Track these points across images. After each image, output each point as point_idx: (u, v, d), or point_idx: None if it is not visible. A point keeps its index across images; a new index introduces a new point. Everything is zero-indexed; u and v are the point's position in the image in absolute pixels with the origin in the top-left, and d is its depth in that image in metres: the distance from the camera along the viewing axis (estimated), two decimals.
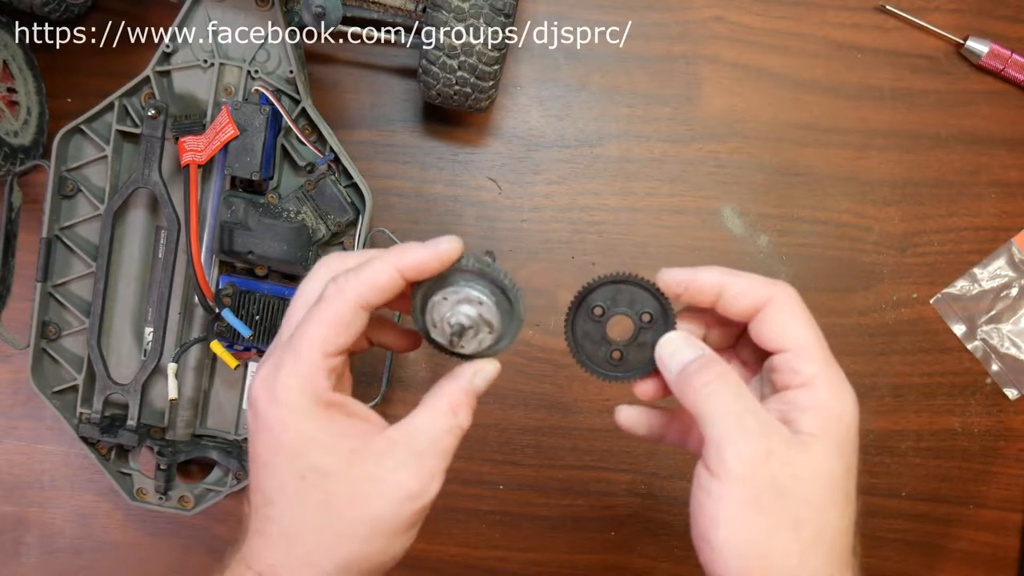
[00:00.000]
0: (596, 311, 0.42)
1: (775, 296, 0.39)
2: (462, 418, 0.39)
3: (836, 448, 0.36)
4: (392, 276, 0.37)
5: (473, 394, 0.39)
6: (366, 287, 0.37)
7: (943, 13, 0.66)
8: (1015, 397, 0.67)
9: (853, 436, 0.37)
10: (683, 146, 0.66)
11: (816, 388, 0.37)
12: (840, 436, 0.37)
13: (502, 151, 0.66)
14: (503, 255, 0.66)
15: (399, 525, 0.37)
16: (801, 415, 0.37)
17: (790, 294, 0.39)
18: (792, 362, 0.38)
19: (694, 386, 0.38)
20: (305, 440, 0.36)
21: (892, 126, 0.66)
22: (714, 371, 0.38)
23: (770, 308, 0.39)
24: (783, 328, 0.38)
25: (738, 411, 0.36)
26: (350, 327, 0.37)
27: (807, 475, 0.36)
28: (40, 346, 0.59)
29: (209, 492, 0.62)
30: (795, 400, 0.37)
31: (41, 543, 0.67)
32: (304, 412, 0.36)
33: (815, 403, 0.37)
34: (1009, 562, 0.67)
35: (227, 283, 0.58)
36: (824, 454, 0.36)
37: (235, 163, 0.55)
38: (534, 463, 0.67)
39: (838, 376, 0.38)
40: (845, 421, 0.37)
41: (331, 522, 0.36)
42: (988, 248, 0.66)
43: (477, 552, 0.67)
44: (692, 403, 0.38)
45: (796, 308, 0.39)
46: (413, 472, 0.37)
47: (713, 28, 0.66)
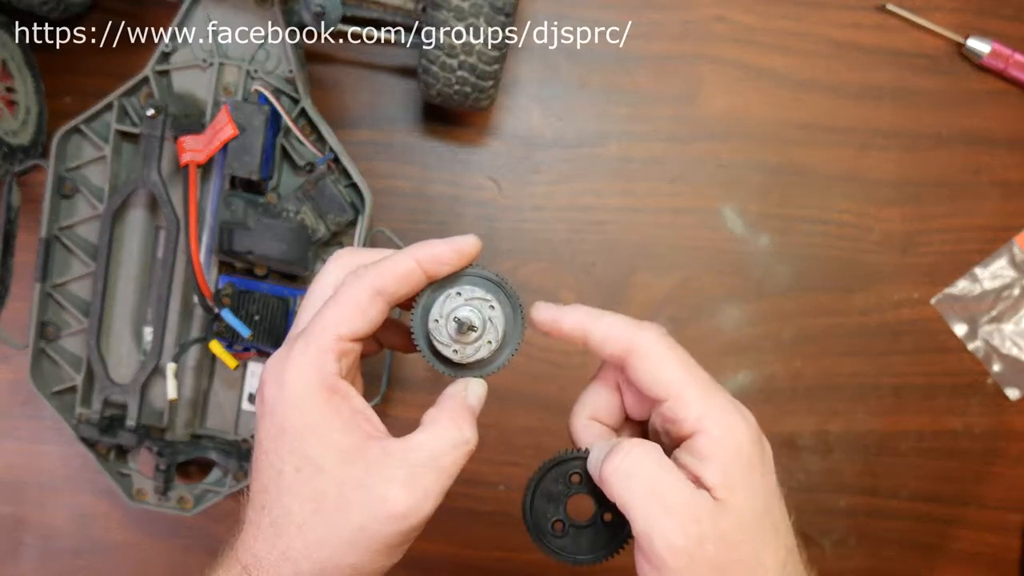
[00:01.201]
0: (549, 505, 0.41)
1: (636, 343, 0.37)
2: (468, 433, 0.37)
3: (749, 488, 0.35)
4: (409, 265, 0.37)
5: (471, 411, 0.38)
6: (383, 275, 0.37)
7: (944, 12, 0.66)
8: (1016, 397, 0.67)
9: (757, 459, 0.36)
10: (683, 146, 0.66)
11: (707, 431, 0.36)
12: (746, 469, 0.36)
13: (502, 151, 0.66)
14: (503, 255, 0.66)
15: (381, 543, 0.35)
16: (705, 466, 0.35)
17: (652, 337, 0.37)
18: (675, 411, 0.36)
19: (607, 475, 0.36)
20: (304, 427, 0.35)
21: (893, 126, 0.66)
22: (622, 453, 0.36)
23: (633, 357, 0.37)
24: (653, 376, 0.37)
25: (657, 495, 0.35)
26: (365, 313, 0.36)
27: (738, 537, 0.35)
28: (39, 346, 0.59)
29: (208, 492, 0.61)
30: (694, 450, 0.36)
31: (40, 543, 0.67)
32: (308, 395, 0.36)
33: (712, 448, 0.35)
34: (1010, 563, 0.67)
35: (226, 283, 0.58)
36: (743, 503, 0.35)
37: (234, 163, 0.55)
38: (534, 463, 0.66)
39: (723, 405, 0.36)
40: (744, 450, 0.36)
41: (316, 522, 0.35)
42: (989, 248, 0.66)
43: (477, 552, 0.67)
44: (615, 496, 0.36)
45: (661, 351, 0.37)
46: (403, 488, 0.35)
47: (713, 28, 0.66)
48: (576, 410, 0.42)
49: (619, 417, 0.42)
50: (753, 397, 0.66)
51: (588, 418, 0.41)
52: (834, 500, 0.67)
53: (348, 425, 0.36)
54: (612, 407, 0.41)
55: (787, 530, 0.37)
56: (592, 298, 0.66)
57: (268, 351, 0.59)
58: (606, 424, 0.42)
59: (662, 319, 0.66)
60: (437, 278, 0.38)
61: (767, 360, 0.66)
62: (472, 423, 0.37)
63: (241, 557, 0.36)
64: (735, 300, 0.66)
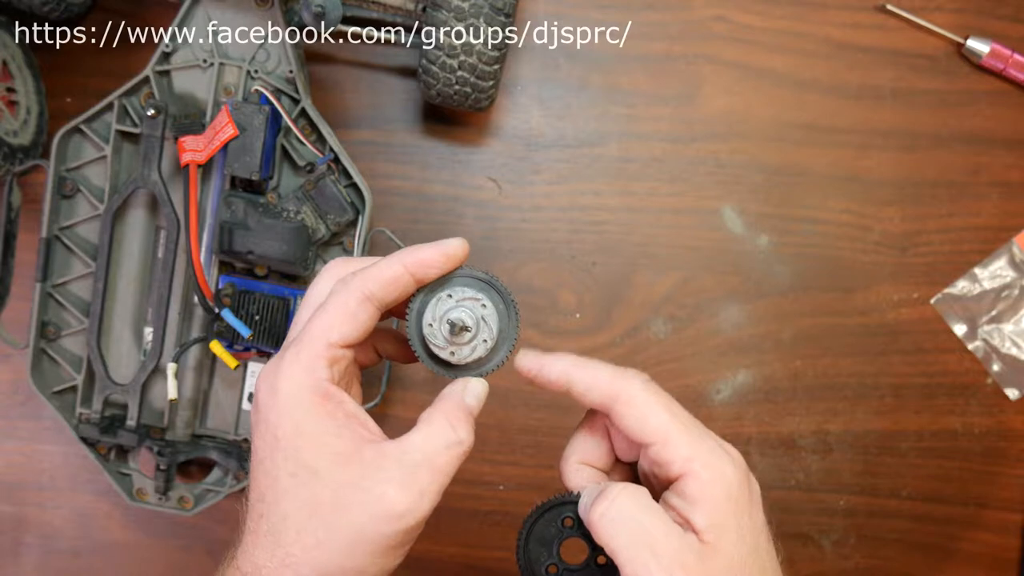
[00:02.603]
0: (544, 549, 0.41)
1: (620, 391, 0.37)
2: (462, 433, 0.37)
3: (737, 530, 0.36)
4: (397, 270, 0.37)
5: (467, 411, 0.38)
6: (371, 280, 0.37)
7: (944, 13, 0.66)
8: (1016, 397, 0.67)
9: (745, 500, 0.36)
10: (683, 146, 0.66)
11: (694, 474, 0.36)
12: (734, 511, 0.36)
13: (502, 151, 0.66)
14: (503, 255, 0.66)
15: (380, 544, 0.35)
16: (693, 509, 0.36)
17: (636, 385, 0.38)
18: (662, 454, 0.37)
19: (595, 521, 0.36)
20: (298, 433, 0.36)
21: (892, 126, 0.66)
22: (608, 499, 0.36)
23: (619, 405, 0.37)
24: (639, 423, 0.37)
25: (644, 540, 0.35)
26: (355, 318, 0.37)
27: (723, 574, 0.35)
28: (39, 346, 0.59)
29: (209, 492, 0.61)
30: (683, 492, 0.36)
31: (40, 543, 0.67)
32: (300, 401, 0.36)
33: (699, 491, 0.36)
34: (1010, 562, 0.67)
35: (227, 283, 0.58)
36: (731, 547, 0.35)
37: (235, 163, 0.55)
38: (534, 463, 0.67)
39: (710, 448, 0.37)
40: (732, 493, 0.36)
41: (313, 526, 0.35)
42: (989, 248, 0.66)
43: (477, 552, 0.67)
44: (603, 541, 0.36)
45: (645, 398, 0.37)
46: (400, 487, 0.35)
47: (713, 28, 0.66)
48: (566, 454, 0.42)
49: (609, 460, 0.42)
50: (753, 397, 0.66)
51: (578, 462, 0.41)
52: (834, 500, 0.67)
53: (342, 429, 0.36)
54: (601, 451, 0.41)
55: (775, 570, 0.37)
56: (592, 298, 0.66)
57: (268, 351, 0.59)
58: (596, 467, 0.42)
59: (662, 319, 0.66)
60: (427, 282, 0.38)
61: (767, 360, 0.66)
62: (467, 422, 0.37)
63: (241, 566, 0.36)
64: (735, 300, 0.66)
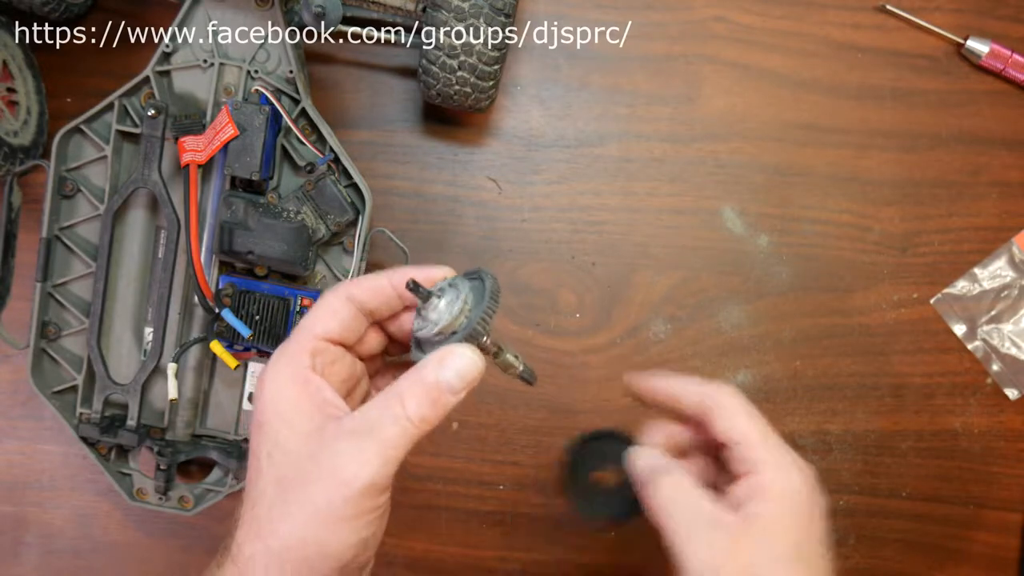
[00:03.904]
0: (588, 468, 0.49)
1: (717, 402, 0.45)
2: (411, 408, 0.37)
3: (783, 525, 0.40)
4: (380, 280, 0.41)
5: (429, 385, 0.37)
6: (354, 284, 0.41)
7: (943, 13, 0.66)
8: (1016, 397, 0.67)
9: (805, 509, 0.41)
10: (683, 146, 0.66)
11: (763, 473, 0.42)
12: (787, 512, 0.41)
13: (502, 151, 0.66)
14: (503, 255, 0.66)
15: (334, 513, 0.36)
16: (751, 498, 0.41)
17: (731, 397, 0.45)
18: (742, 453, 0.43)
19: (651, 494, 0.43)
20: (276, 416, 0.38)
21: (892, 126, 0.66)
22: (667, 485, 0.43)
23: (714, 413, 0.44)
24: (730, 427, 0.44)
25: (688, 519, 0.41)
26: (336, 313, 0.40)
27: (762, 560, 0.40)
28: (40, 346, 0.59)
29: (209, 492, 0.62)
30: (748, 485, 0.42)
31: (40, 543, 0.67)
32: (280, 387, 0.38)
33: (763, 486, 0.42)
34: (1010, 562, 0.67)
35: (227, 283, 0.58)
36: (771, 532, 0.40)
37: (235, 163, 0.55)
38: (534, 463, 0.67)
39: (785, 459, 0.43)
40: (793, 497, 0.41)
41: (281, 500, 0.37)
42: (989, 248, 0.66)
43: (477, 552, 0.67)
44: (652, 513, 0.43)
45: (738, 407, 0.44)
46: (346, 456, 0.36)
47: (713, 28, 0.66)
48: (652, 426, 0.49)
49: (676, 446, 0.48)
50: (753, 397, 0.65)
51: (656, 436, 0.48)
52: (834, 500, 0.67)
53: (315, 411, 0.38)
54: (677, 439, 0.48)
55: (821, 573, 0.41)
56: (592, 298, 0.66)
57: (268, 351, 0.59)
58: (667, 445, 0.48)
59: (662, 319, 0.66)
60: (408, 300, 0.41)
61: (767, 360, 0.66)
62: (424, 396, 0.37)
63: (229, 546, 0.38)
64: (735, 300, 0.66)
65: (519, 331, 0.66)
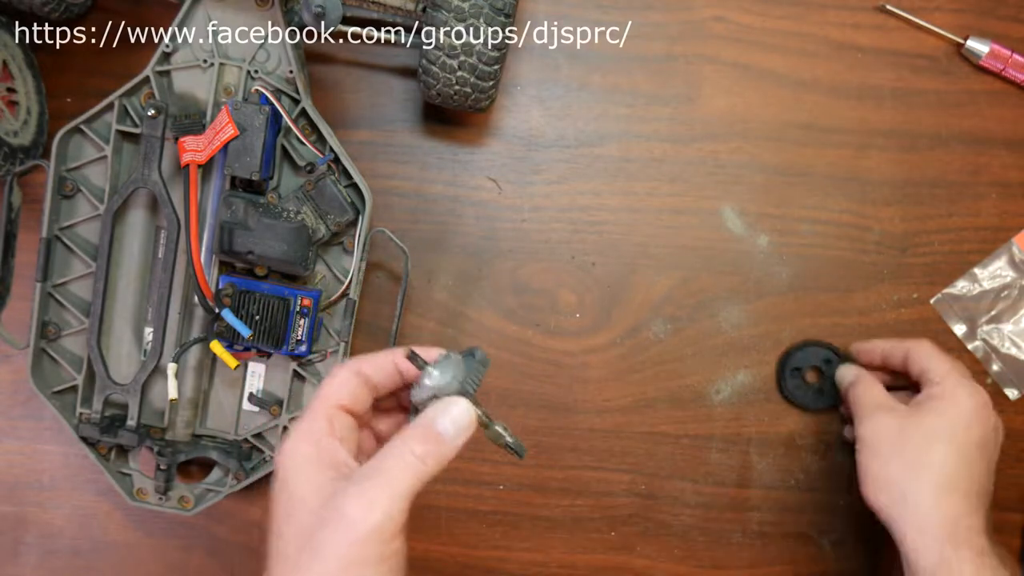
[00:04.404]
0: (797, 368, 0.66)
1: (912, 348, 0.59)
2: (418, 451, 0.40)
3: (944, 417, 0.54)
4: (386, 357, 0.44)
5: (431, 432, 0.41)
6: (363, 360, 0.44)
7: (943, 13, 0.66)
8: (1015, 397, 0.67)
9: (966, 412, 0.54)
10: (683, 146, 0.66)
11: (941, 387, 0.55)
12: (950, 408, 0.54)
13: (502, 151, 0.66)
14: (503, 255, 0.66)
15: (346, 557, 0.37)
16: (928, 401, 0.55)
17: (924, 345, 0.59)
18: (928, 375, 0.57)
19: (849, 392, 0.60)
20: (294, 475, 0.41)
21: (892, 126, 0.66)
22: (860, 384, 0.60)
23: (912, 354, 0.59)
24: (921, 363, 0.58)
25: (870, 405, 0.57)
26: (344, 384, 0.43)
27: (917, 436, 0.54)
28: (40, 346, 0.59)
29: (209, 492, 0.62)
30: (926, 393, 0.56)
31: (41, 543, 0.67)
32: (298, 447, 0.41)
33: (935, 393, 0.56)
34: None
35: (227, 283, 0.58)
36: (931, 419, 0.54)
37: (235, 163, 0.55)
38: (534, 463, 0.67)
39: (961, 380, 0.55)
40: (958, 403, 0.54)
41: (303, 547, 0.38)
42: (988, 248, 0.66)
43: (477, 552, 0.67)
44: (850, 403, 0.60)
45: (928, 351, 0.58)
46: (353, 498, 0.38)
47: (713, 28, 0.66)
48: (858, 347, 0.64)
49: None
50: (753, 397, 0.66)
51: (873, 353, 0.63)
52: (834, 500, 0.67)
53: (329, 468, 0.40)
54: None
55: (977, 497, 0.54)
56: (592, 298, 0.66)
57: (268, 351, 0.59)
58: None
59: (662, 319, 0.66)
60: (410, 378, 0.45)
61: (767, 360, 0.66)
62: (427, 440, 0.40)
63: None
64: (735, 300, 0.66)
65: (519, 331, 0.66)
